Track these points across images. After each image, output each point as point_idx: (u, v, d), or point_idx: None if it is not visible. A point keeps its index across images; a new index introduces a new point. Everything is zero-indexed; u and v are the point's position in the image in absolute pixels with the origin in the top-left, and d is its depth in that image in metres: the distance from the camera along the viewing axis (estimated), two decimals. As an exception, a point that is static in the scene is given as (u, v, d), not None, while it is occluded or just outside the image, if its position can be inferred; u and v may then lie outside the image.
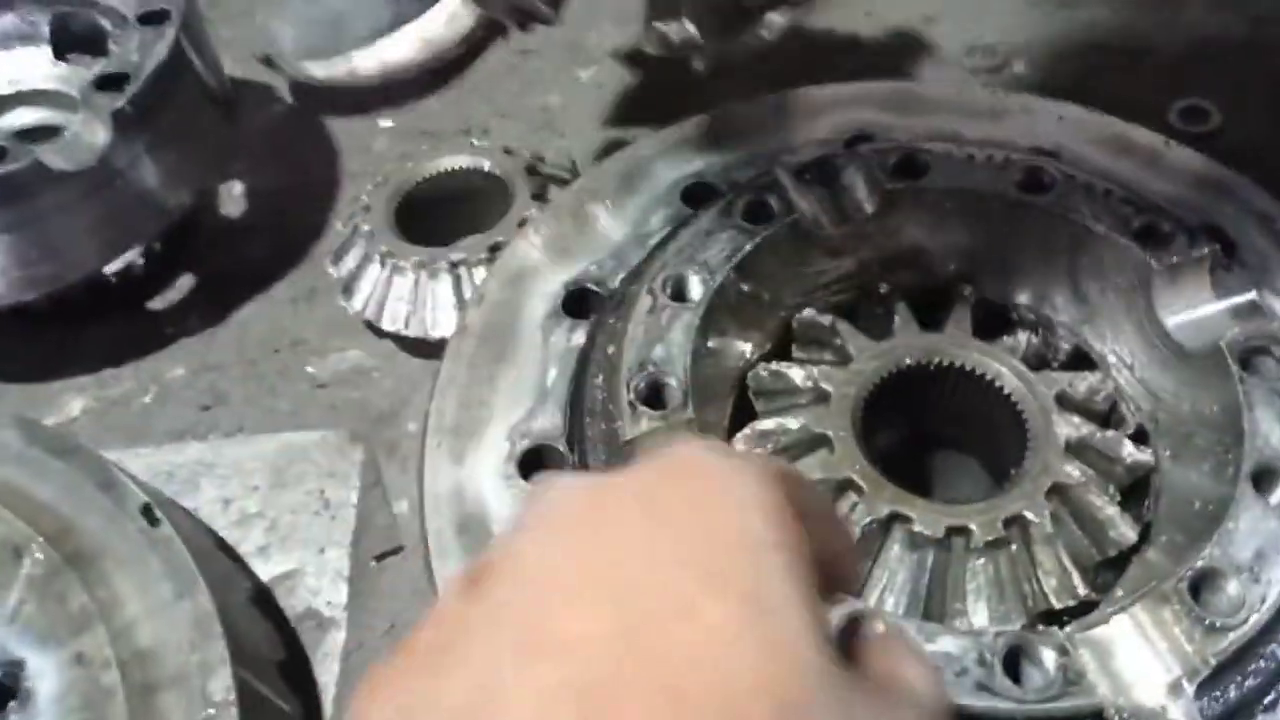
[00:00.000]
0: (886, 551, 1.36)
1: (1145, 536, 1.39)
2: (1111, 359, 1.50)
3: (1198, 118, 2.12)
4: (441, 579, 1.32)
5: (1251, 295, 1.40)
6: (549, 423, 1.43)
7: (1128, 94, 2.31)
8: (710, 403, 1.49)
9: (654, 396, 1.34)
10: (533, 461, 1.41)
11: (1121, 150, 1.67)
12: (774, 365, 1.51)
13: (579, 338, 1.50)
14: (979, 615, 1.33)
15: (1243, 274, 1.43)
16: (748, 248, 1.47)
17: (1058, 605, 1.33)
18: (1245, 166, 1.69)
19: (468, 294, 1.82)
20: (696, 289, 1.44)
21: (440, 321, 1.85)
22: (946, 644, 1.15)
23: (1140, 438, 1.45)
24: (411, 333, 1.88)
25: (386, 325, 1.90)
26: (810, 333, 1.54)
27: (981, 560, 1.34)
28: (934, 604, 1.34)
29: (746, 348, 1.56)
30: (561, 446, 1.41)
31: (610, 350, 1.40)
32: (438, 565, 1.33)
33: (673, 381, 1.35)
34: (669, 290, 1.43)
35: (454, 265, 1.84)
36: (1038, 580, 1.34)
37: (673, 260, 1.45)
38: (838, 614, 0.80)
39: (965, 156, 1.55)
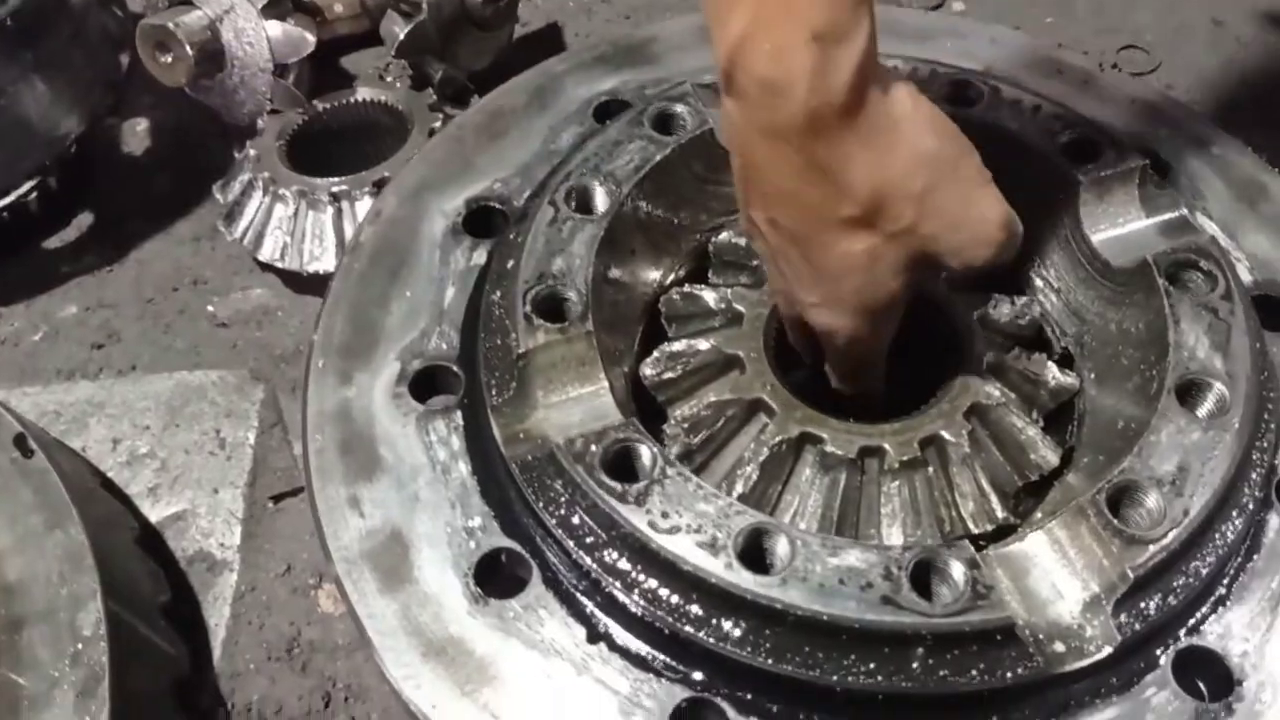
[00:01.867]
0: (797, 475, 1.29)
1: (1067, 461, 1.32)
2: (1038, 282, 1.44)
3: (1136, 60, 2.07)
4: (324, 499, 1.24)
5: (1181, 212, 1.35)
6: (444, 344, 1.35)
7: (1066, 36, 2.27)
8: (621, 330, 1.41)
9: (552, 310, 1.26)
10: (425, 383, 1.32)
11: (1054, 73, 1.61)
12: (687, 288, 1.44)
13: (480, 257, 1.42)
14: (894, 540, 1.27)
15: (1173, 193, 1.37)
16: (658, 158, 1.39)
17: (975, 530, 1.26)
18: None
19: (349, 230, 1.74)
20: (602, 201, 1.36)
21: (317, 256, 1.77)
22: (852, 558, 1.08)
23: (1066, 363, 1.39)
24: (288, 265, 1.79)
25: (264, 256, 1.81)
26: (726, 255, 1.46)
27: (896, 482, 1.27)
28: (846, 528, 1.27)
29: (658, 274, 1.48)
30: (456, 368, 1.32)
31: (509, 264, 1.31)
32: (319, 485, 1.24)
33: (573, 295, 1.27)
34: (573, 202, 1.35)
35: (335, 197, 1.75)
36: (955, 504, 1.27)
37: (578, 171, 1.37)
38: None
39: (888, 69, 1.48)
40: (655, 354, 1.38)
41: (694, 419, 1.34)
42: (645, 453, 1.16)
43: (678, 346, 1.38)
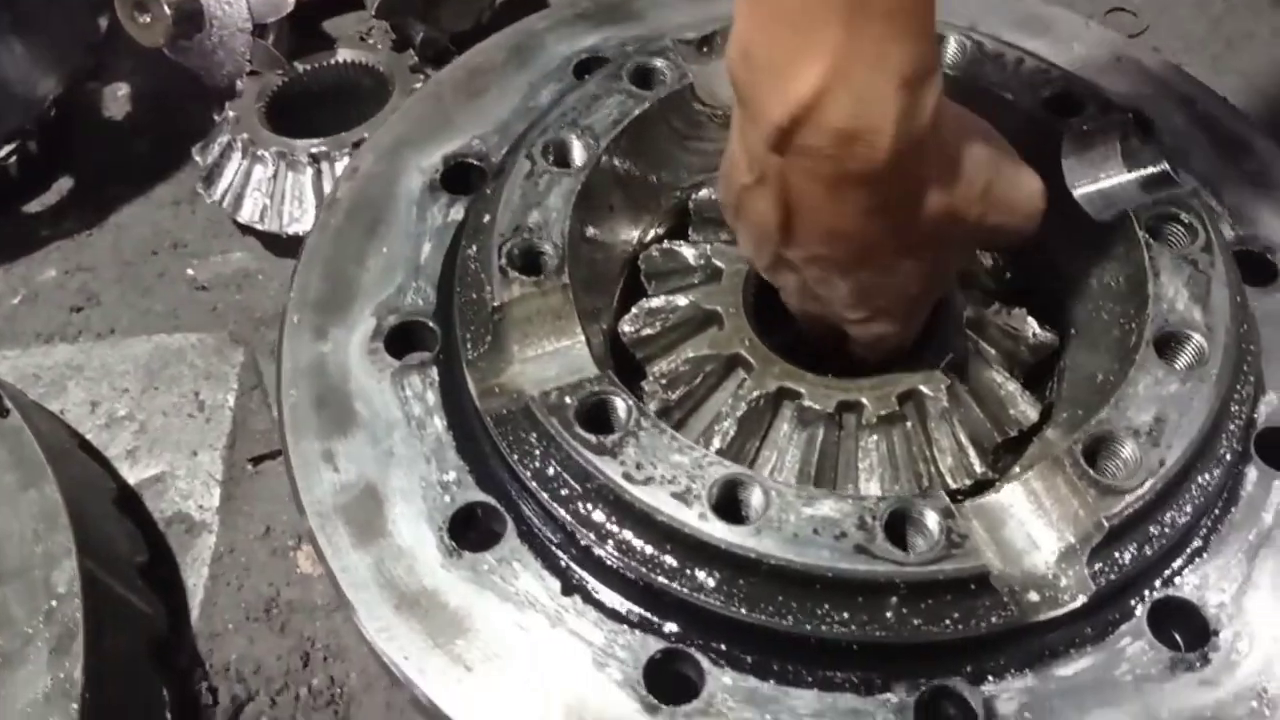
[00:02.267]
0: (775, 430, 1.29)
1: (1047, 417, 1.32)
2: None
3: (1123, 22, 2.05)
4: (298, 454, 1.23)
5: (1163, 166, 1.32)
6: (420, 299, 1.34)
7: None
8: (600, 288, 1.40)
9: (528, 263, 1.25)
10: (400, 338, 1.31)
11: (1040, 30, 1.60)
12: (666, 245, 1.43)
13: (458, 214, 1.41)
14: (872, 494, 1.26)
15: (1156, 147, 1.36)
16: (636, 113, 1.37)
17: (954, 485, 1.26)
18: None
19: (329, 191, 1.73)
20: (579, 154, 1.34)
21: (297, 218, 1.75)
22: (826, 508, 1.07)
23: (1047, 320, 1.37)
24: (267, 227, 1.78)
25: (243, 218, 1.80)
26: (707, 212, 1.45)
27: (875, 437, 1.27)
28: (824, 483, 1.27)
29: (637, 232, 1.47)
30: (432, 323, 1.31)
31: (485, 219, 1.30)
32: (293, 440, 1.24)
33: (549, 248, 1.26)
34: (550, 156, 1.33)
35: (315, 159, 1.74)
36: (933, 459, 1.27)
37: (555, 125, 1.36)
38: None
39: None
40: (634, 310, 1.37)
41: (672, 374, 1.33)
42: (620, 405, 1.16)
43: (656, 302, 1.37)
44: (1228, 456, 1.17)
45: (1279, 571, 1.16)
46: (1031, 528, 1.10)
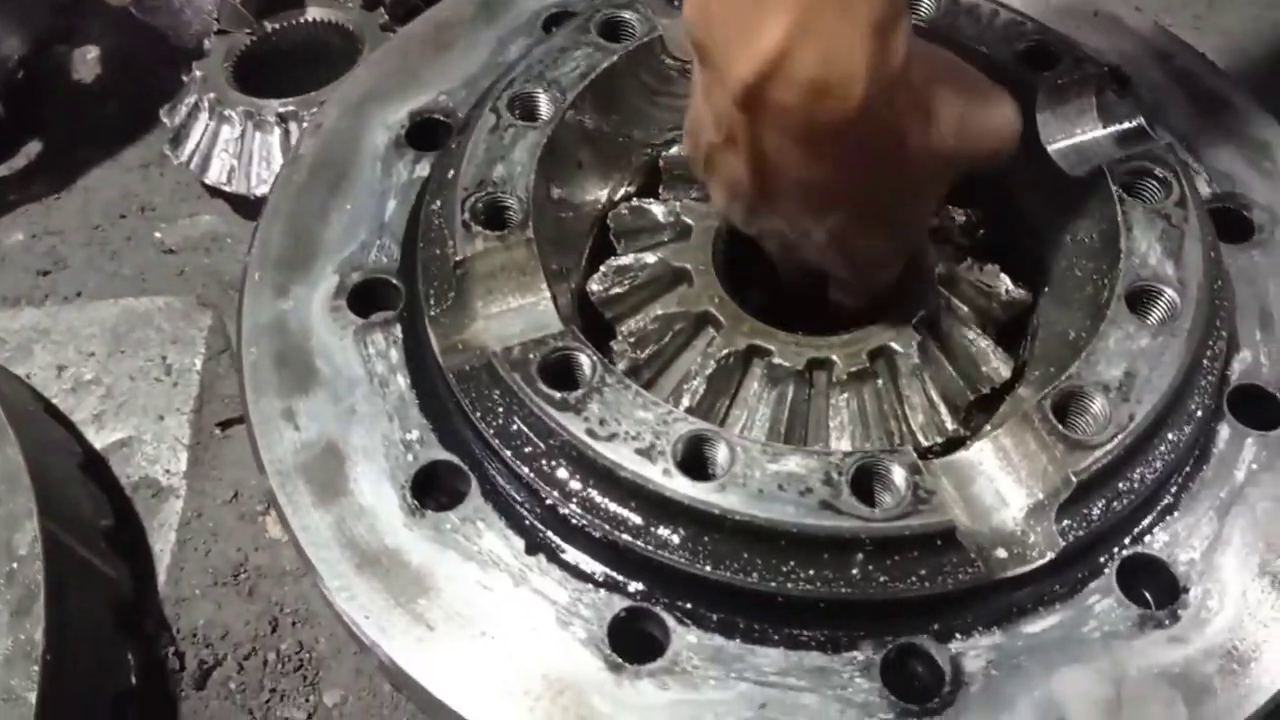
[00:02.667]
0: (745, 388, 1.27)
1: (1020, 376, 1.30)
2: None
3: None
4: (258, 412, 1.21)
5: (1139, 121, 1.30)
6: (384, 257, 1.32)
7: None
8: (568, 247, 1.38)
9: (492, 218, 1.23)
10: (363, 295, 1.29)
11: (1017, -13, 1.57)
12: (635, 203, 1.40)
13: (423, 170, 1.38)
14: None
15: (1131, 102, 1.34)
16: (604, 66, 1.35)
17: (925, 442, 1.24)
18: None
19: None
20: (546, 108, 1.32)
21: (265, 179, 1.73)
22: (792, 464, 1.06)
23: (1020, 277, 1.36)
24: (235, 188, 1.76)
25: (211, 179, 1.78)
26: (677, 169, 1.42)
27: (845, 395, 1.25)
28: (794, 441, 1.25)
29: (606, 190, 1.44)
30: (396, 281, 1.29)
31: (450, 174, 1.27)
32: (253, 398, 1.22)
33: (513, 203, 1.24)
34: (516, 109, 1.31)
35: (283, 119, 1.71)
36: (904, 416, 1.25)
37: (521, 78, 1.33)
38: None
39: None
40: (602, 269, 1.35)
41: (641, 333, 1.31)
42: (585, 361, 1.14)
43: (625, 260, 1.35)
44: (1199, 413, 1.16)
45: (1250, 529, 1.15)
46: (1000, 484, 1.09)
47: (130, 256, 1.87)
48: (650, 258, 1.34)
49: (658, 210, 1.38)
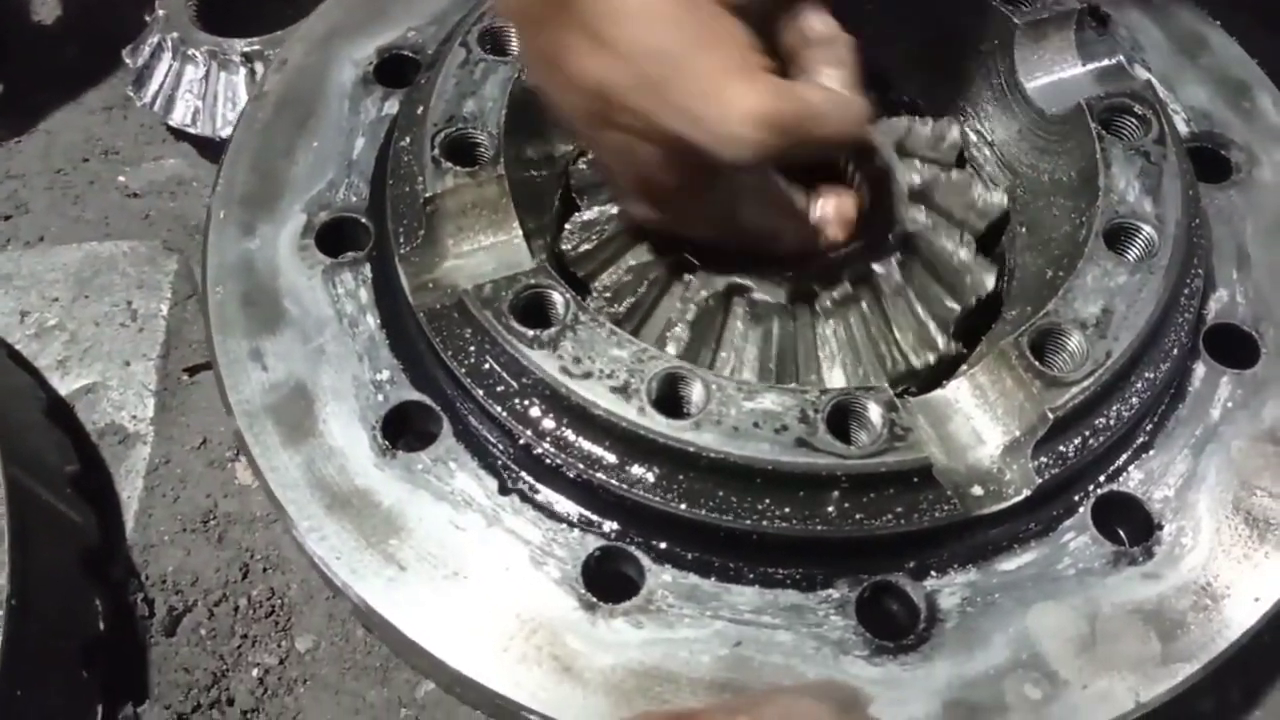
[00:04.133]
0: (730, 330, 1.25)
1: (1001, 302, 1.29)
2: (971, 136, 1.39)
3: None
4: (224, 352, 1.18)
5: (1118, 58, 1.30)
6: (353, 195, 1.29)
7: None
8: (539, 208, 1.34)
9: (462, 153, 1.20)
10: (331, 235, 1.27)
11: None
12: (592, 155, 1.37)
13: (392, 107, 1.35)
14: (836, 383, 1.22)
15: (1111, 39, 1.33)
16: None
17: (918, 364, 1.22)
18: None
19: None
20: (517, 41, 1.29)
21: (231, 120, 1.68)
22: (768, 401, 1.05)
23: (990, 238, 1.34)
24: (200, 130, 1.71)
25: (175, 121, 1.73)
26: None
27: (832, 324, 1.23)
28: (786, 378, 1.23)
29: (573, 145, 1.41)
30: (365, 220, 1.27)
31: (419, 110, 1.24)
32: (219, 338, 1.19)
33: (484, 139, 1.21)
34: (486, 44, 1.28)
35: (248, 58, 1.66)
36: (894, 339, 1.23)
37: (491, 11, 1.30)
38: None
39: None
40: (567, 227, 1.32)
41: (616, 286, 1.29)
42: (558, 299, 1.12)
43: (589, 215, 1.32)
44: (1175, 351, 1.16)
45: (1225, 467, 1.15)
46: (977, 422, 1.09)
47: (94, 200, 1.83)
48: (615, 210, 1.31)
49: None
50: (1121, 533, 1.13)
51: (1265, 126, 1.37)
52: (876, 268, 1.23)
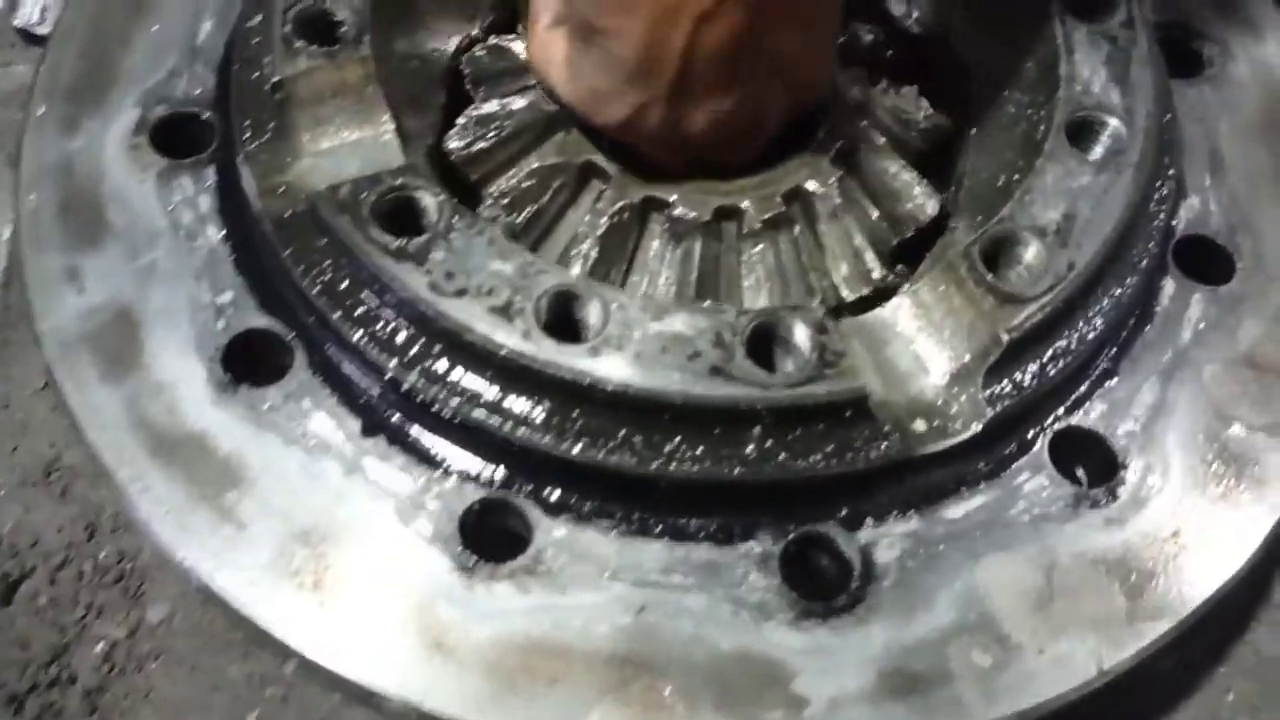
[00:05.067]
0: (644, 249, 1.09)
1: (945, 222, 1.14)
2: (917, 30, 1.23)
3: None
4: (35, 271, 1.00)
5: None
6: (197, 86, 1.11)
7: None
8: (419, 105, 1.16)
9: (319, 30, 1.02)
10: (169, 132, 1.08)
11: None
12: (493, 41, 1.19)
13: (245, -14, 1.16)
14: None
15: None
16: None
17: (850, 295, 1.08)
18: None
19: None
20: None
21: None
22: (678, 324, 0.89)
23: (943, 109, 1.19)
24: (50, 31, 1.50)
25: (20, 21, 1.52)
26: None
27: (759, 247, 1.08)
28: (705, 305, 1.08)
29: (457, 37, 1.22)
30: (209, 114, 1.08)
31: (272, -16, 1.06)
32: (30, 255, 1.01)
33: (345, 13, 1.03)
34: (351, -94, 1.09)
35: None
36: (826, 268, 1.08)
37: None
38: None
39: None
40: (461, 120, 1.14)
41: (514, 192, 1.11)
42: (429, 202, 0.95)
43: (488, 108, 1.14)
44: (1144, 264, 1.02)
45: (1196, 396, 1.02)
46: (919, 346, 0.94)
47: (-76, 109, 1.61)
48: (519, 102, 1.13)
49: (520, 48, 1.17)
50: (1081, 472, 0.99)
51: (1241, 18, 1.23)
52: (812, 187, 1.07)
